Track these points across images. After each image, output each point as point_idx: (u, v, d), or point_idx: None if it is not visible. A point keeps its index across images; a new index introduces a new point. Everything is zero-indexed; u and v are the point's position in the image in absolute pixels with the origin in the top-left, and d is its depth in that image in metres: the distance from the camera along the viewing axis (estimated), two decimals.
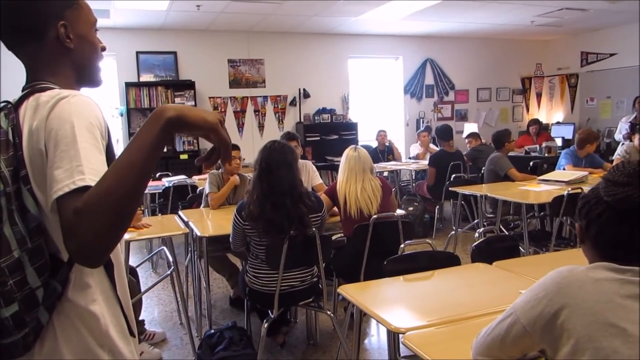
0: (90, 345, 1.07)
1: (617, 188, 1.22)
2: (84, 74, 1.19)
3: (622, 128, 7.38)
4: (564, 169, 5.43)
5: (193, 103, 7.49)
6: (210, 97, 7.93)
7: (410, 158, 8.04)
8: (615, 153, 6.02)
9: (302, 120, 8.36)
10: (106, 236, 0.89)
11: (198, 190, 4.84)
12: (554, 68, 9.98)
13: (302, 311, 3.66)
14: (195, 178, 5.85)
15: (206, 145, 7.66)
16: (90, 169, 0.95)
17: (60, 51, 1.13)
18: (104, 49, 1.23)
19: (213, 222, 3.78)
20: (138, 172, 0.90)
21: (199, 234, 3.29)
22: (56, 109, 1.00)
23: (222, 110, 8.02)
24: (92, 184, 0.91)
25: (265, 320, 2.94)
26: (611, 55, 8.87)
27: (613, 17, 7.80)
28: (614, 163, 5.53)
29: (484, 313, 1.78)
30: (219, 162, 1.08)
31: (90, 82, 1.21)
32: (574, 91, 9.65)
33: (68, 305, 1.04)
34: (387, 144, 7.95)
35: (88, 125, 1.01)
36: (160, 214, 5.17)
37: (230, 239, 3.03)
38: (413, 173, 7.64)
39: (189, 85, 7.53)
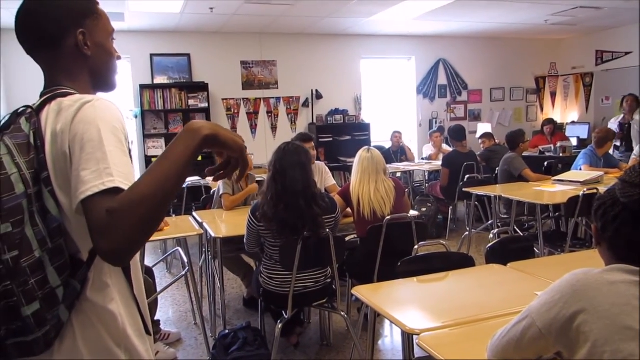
0: (108, 343, 1.09)
1: (634, 189, 1.21)
2: (100, 80, 1.22)
3: (614, 128, 7.17)
4: (580, 169, 5.39)
5: (206, 105, 7.55)
6: (223, 99, 7.98)
7: (423, 159, 8.02)
8: (633, 153, 5.96)
9: (314, 121, 8.37)
10: (137, 237, 0.94)
11: (212, 191, 4.87)
12: (568, 67, 9.88)
13: (315, 312, 3.67)
14: (209, 179, 5.88)
15: None
16: (119, 172, 0.98)
17: (78, 58, 1.17)
18: (119, 57, 1.26)
19: (227, 223, 3.81)
20: (173, 182, 0.96)
21: (213, 234, 3.31)
22: (81, 113, 1.03)
23: (236, 111, 8.06)
24: (122, 185, 0.96)
25: (279, 321, 2.95)
26: (626, 53, 8.76)
27: (628, 15, 7.70)
28: (630, 163, 5.49)
29: (498, 314, 1.77)
30: (234, 175, 1.14)
31: (106, 87, 1.25)
32: (588, 90, 9.55)
33: (87, 305, 1.07)
34: (401, 145, 7.95)
35: (112, 128, 1.04)
36: (174, 215, 5.21)
37: (245, 239, 3.05)
38: (426, 174, 7.62)
39: (203, 87, 7.59)
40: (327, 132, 8.27)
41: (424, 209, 6.21)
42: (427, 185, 7.28)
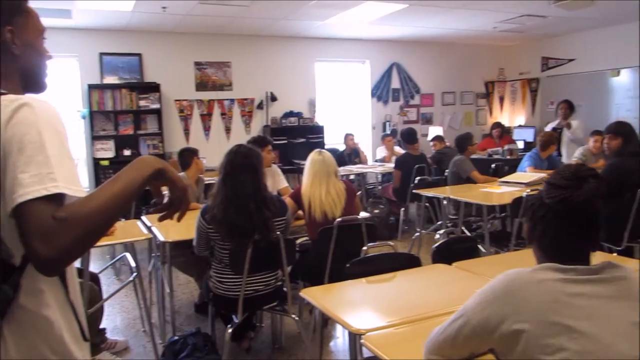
0: (43, 351, 1.06)
1: (557, 191, 1.28)
2: (29, 81, 1.19)
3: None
4: (525, 171, 5.58)
5: (158, 106, 7.41)
6: (176, 100, 7.85)
7: (376, 161, 8.12)
8: (573, 156, 6.21)
9: (269, 123, 8.35)
10: (78, 249, 0.97)
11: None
12: (515, 73, 10.22)
13: (268, 315, 3.65)
14: None
15: (171, 148, 7.58)
16: (63, 177, 0.97)
17: (7, 57, 1.12)
18: (50, 57, 1.23)
19: (178, 226, 3.72)
20: (122, 204, 1.02)
21: (162, 239, 3.25)
22: (19, 114, 0.99)
23: (189, 113, 7.94)
24: (66, 191, 0.96)
25: (229, 326, 2.93)
26: (570, 60, 9.15)
27: (571, 24, 8.04)
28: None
29: (442, 313, 1.81)
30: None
31: (35, 88, 1.21)
32: (534, 95, 9.91)
33: (19, 312, 1.03)
34: (355, 147, 8.03)
35: (55, 131, 1.01)
36: (123, 219, 5.08)
37: (194, 242, 3.01)
38: (379, 176, 7.72)
39: (154, 87, 7.44)
40: (282, 134, 8.26)
41: (376, 211, 6.29)
42: (379, 187, 7.37)
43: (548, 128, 7.08)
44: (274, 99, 8.33)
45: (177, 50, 7.75)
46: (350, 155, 7.93)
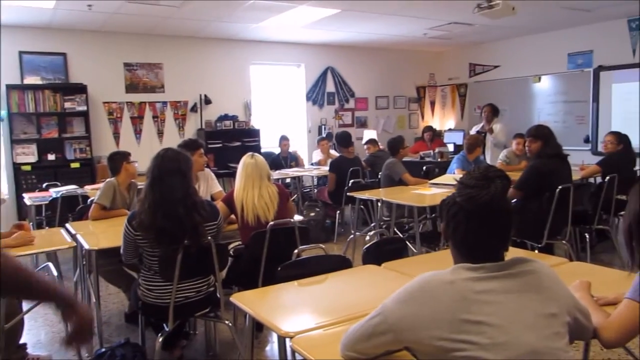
0: None
1: (466, 189, 1.34)
2: None
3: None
4: (454, 173, 5.78)
5: (85, 108, 7.12)
6: (104, 102, 7.57)
7: (312, 164, 8.17)
8: (498, 158, 6.50)
9: (203, 126, 8.21)
10: None
11: (89, 200, 4.59)
12: (445, 78, 10.59)
13: (201, 322, 3.58)
14: (88, 188, 5.55)
15: (100, 152, 7.30)
16: None
17: None
18: None
19: (106, 233, 3.60)
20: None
21: (87, 247, 3.12)
22: None
23: (118, 116, 7.68)
24: None
25: (160, 334, 2.85)
26: (495, 67, 9.58)
27: (496, 32, 8.43)
28: (497, 166, 5.99)
29: (368, 313, 1.84)
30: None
31: None
32: (463, 100, 10.30)
33: None
34: (290, 151, 8.04)
35: None
36: (47, 227, 4.85)
37: (121, 250, 2.91)
38: (315, 179, 7.77)
39: (81, 89, 7.13)
40: (217, 137, 8.15)
41: (312, 214, 6.33)
42: (315, 190, 7.42)
43: (472, 131, 7.33)
44: (208, 102, 8.20)
45: (105, 50, 7.48)
46: (287, 159, 7.93)
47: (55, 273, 3.18)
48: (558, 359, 1.27)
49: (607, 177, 4.98)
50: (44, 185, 5.82)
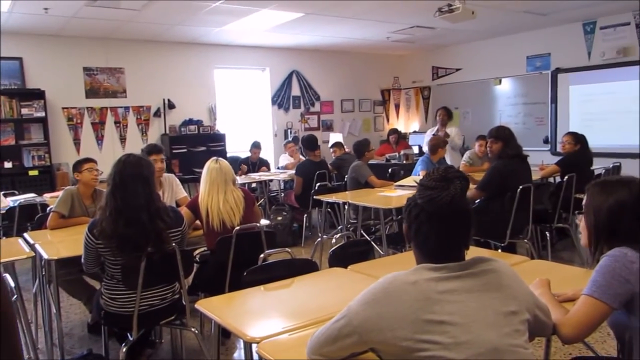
0: None
1: (427, 191, 1.36)
2: None
3: (427, 141, 7.38)
4: (419, 175, 5.85)
5: (43, 114, 6.92)
6: (64, 108, 7.38)
7: (278, 168, 8.14)
8: (461, 159, 6.61)
9: (167, 131, 8.09)
10: None
11: (48, 209, 4.46)
12: (409, 81, 10.73)
13: (167, 330, 3.52)
14: (47, 196, 5.39)
15: (59, 159, 7.12)
16: None
17: None
18: None
19: (65, 242, 3.50)
20: None
21: (46, 257, 3.03)
22: None
23: (79, 121, 7.49)
24: None
25: (124, 344, 2.79)
26: (457, 70, 9.76)
27: (458, 36, 8.59)
28: (461, 167, 6.09)
29: (335, 316, 1.84)
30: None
31: None
32: (427, 102, 10.45)
33: None
34: (262, 157, 8.01)
35: None
36: (4, 237, 4.68)
37: (82, 259, 2.83)
38: (282, 183, 7.75)
39: (38, 94, 6.93)
40: (181, 142, 8.05)
41: (279, 218, 6.30)
42: (282, 194, 7.40)
43: (428, 134, 7.33)
44: (172, 106, 8.09)
45: (64, 54, 7.30)
46: (256, 164, 7.87)
47: (12, 284, 3.08)
48: (518, 356, 1.29)
49: (566, 177, 5.11)
50: (1, 193, 5.63)
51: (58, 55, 7.25)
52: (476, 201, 4.39)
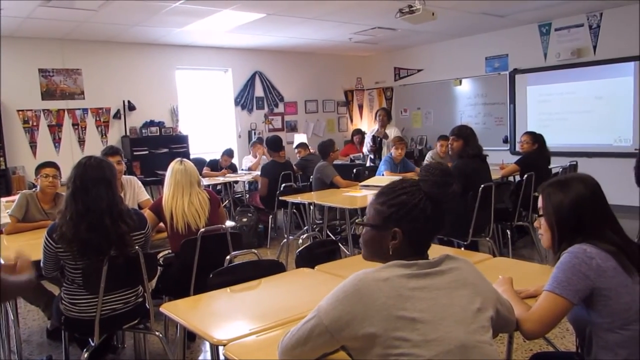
0: None
1: (434, 185, 1.43)
2: None
3: (368, 141, 7.39)
4: (382, 175, 5.91)
5: None
6: (19, 110, 7.14)
7: (243, 170, 8.08)
8: (425, 159, 6.71)
9: (128, 133, 7.93)
10: None
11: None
12: (372, 82, 10.83)
13: (130, 334, 3.45)
14: (3, 200, 5.19)
15: (15, 163, 6.89)
16: None
17: None
18: None
19: (23, 247, 3.39)
20: None
21: (2, 262, 2.92)
22: None
23: (35, 124, 7.26)
24: None
25: (85, 350, 2.71)
26: (419, 70, 9.90)
27: (419, 37, 8.72)
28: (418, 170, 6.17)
29: (303, 316, 1.84)
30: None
31: None
32: (390, 103, 10.56)
33: None
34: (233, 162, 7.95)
35: None
36: None
37: (41, 263, 2.74)
38: (246, 184, 7.69)
39: None
40: (143, 144, 7.90)
41: (244, 219, 6.26)
42: (247, 195, 7.35)
43: (368, 135, 7.31)
44: (132, 108, 7.93)
45: (19, 56, 7.06)
46: (226, 169, 7.77)
47: None
48: (484, 352, 1.32)
49: (525, 176, 5.24)
50: None
51: (12, 57, 7.01)
52: None
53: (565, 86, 7.84)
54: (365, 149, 7.46)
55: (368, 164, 7.08)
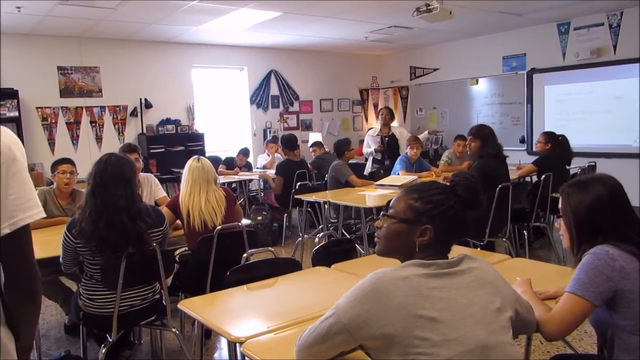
0: None
1: (467, 189, 1.47)
2: None
3: (370, 141, 7.07)
4: (398, 174, 5.89)
5: (17, 114, 6.76)
6: (37, 108, 7.23)
7: (258, 168, 8.11)
8: (441, 159, 6.67)
9: (144, 131, 7.99)
10: None
11: None
12: (387, 81, 10.78)
13: (147, 331, 3.48)
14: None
15: (34, 159, 6.97)
16: None
17: None
18: None
19: (41, 242, 3.42)
20: None
21: None
22: None
23: (53, 121, 7.35)
24: None
25: (102, 345, 2.74)
26: (434, 70, 9.84)
27: (435, 36, 8.66)
28: (440, 168, 6.14)
29: (321, 315, 1.84)
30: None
31: None
32: (405, 102, 10.52)
33: None
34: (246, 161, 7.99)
35: None
36: None
37: (61, 259, 2.78)
38: (261, 182, 7.71)
39: (12, 94, 6.76)
40: (159, 142, 7.95)
41: (259, 218, 6.28)
42: (262, 194, 7.37)
43: (367, 137, 7.05)
44: (149, 105, 7.99)
45: (38, 54, 7.15)
46: (242, 167, 7.82)
47: None
48: (506, 352, 1.31)
49: (543, 176, 5.18)
50: None
51: (32, 55, 7.10)
52: None
53: (583, 86, 7.74)
54: (365, 149, 7.20)
55: (370, 165, 6.89)
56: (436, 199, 1.43)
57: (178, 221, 3.42)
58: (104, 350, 2.70)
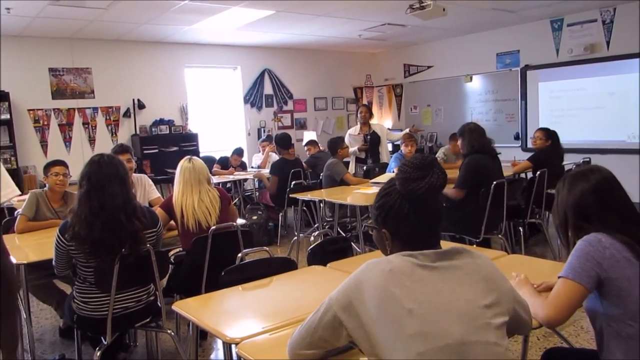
0: None
1: (406, 181, 1.42)
2: None
3: (352, 140, 6.73)
4: (393, 172, 5.87)
5: (8, 116, 6.72)
6: (29, 110, 7.18)
7: (252, 167, 8.08)
8: (436, 156, 6.66)
9: (138, 132, 7.95)
10: None
11: (16, 212, 4.33)
12: (381, 79, 10.77)
13: (142, 333, 3.45)
14: (14, 199, 5.22)
15: (26, 162, 6.93)
16: None
17: None
18: None
19: (34, 246, 3.40)
20: None
21: (15, 261, 2.93)
22: None
23: (45, 123, 7.29)
24: None
25: (97, 349, 2.72)
26: (428, 67, 9.84)
27: (428, 33, 8.66)
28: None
29: None
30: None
31: None
32: (399, 100, 10.51)
33: None
34: (244, 160, 7.95)
35: None
36: None
37: (54, 262, 2.75)
38: (256, 182, 7.68)
39: (3, 96, 6.71)
40: (152, 143, 7.92)
41: (254, 217, 6.25)
42: (257, 193, 7.34)
43: (348, 137, 6.80)
44: (142, 106, 7.95)
45: (28, 55, 7.09)
46: (236, 167, 7.78)
47: None
48: (488, 351, 1.26)
49: (538, 172, 5.17)
50: None
51: (22, 56, 7.05)
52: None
53: (577, 82, 7.75)
54: (352, 149, 6.73)
55: (353, 166, 6.72)
56: (380, 202, 1.47)
57: (172, 222, 3.39)
58: (99, 353, 2.67)
